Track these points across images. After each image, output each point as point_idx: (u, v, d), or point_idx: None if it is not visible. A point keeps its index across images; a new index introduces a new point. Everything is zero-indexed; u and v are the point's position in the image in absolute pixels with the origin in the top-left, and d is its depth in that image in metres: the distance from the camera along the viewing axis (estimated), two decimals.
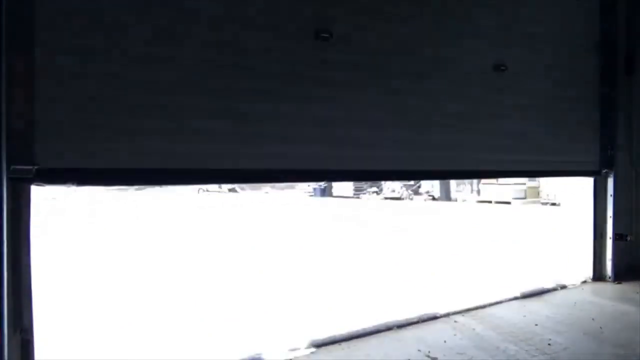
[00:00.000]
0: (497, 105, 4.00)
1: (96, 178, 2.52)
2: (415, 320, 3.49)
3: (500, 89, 3.99)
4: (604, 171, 4.78)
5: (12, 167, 2.12)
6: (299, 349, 2.96)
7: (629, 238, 4.69)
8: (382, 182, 22.42)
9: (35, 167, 2.19)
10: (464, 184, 19.40)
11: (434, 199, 19.51)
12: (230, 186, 26.20)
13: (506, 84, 4.02)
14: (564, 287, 4.45)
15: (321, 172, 3.32)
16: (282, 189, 26.62)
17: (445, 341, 3.15)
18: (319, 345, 3.04)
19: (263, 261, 6.59)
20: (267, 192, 25.63)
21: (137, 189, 20.93)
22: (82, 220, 11.52)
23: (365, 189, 21.85)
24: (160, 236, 9.10)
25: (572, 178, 4.96)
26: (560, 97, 4.46)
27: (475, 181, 19.23)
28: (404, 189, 20.47)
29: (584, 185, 4.80)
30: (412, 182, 21.21)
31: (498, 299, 4.02)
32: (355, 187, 21.85)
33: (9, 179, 2.11)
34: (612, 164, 4.79)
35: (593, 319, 3.58)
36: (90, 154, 2.36)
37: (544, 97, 4.33)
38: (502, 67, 3.96)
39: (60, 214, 11.87)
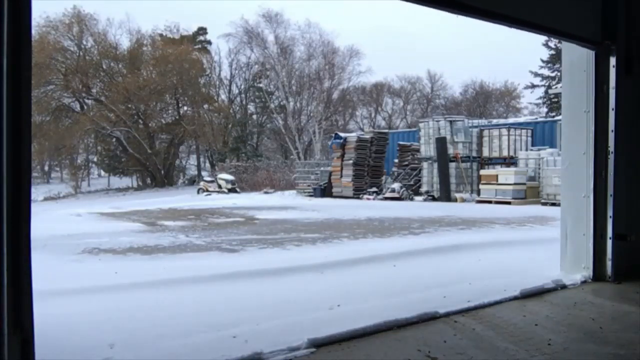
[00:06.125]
0: None
1: None
2: (415, 320, 3.49)
3: None
4: (606, 42, 4.04)
5: None
6: (299, 348, 2.96)
7: (629, 238, 4.63)
8: (382, 182, 22.37)
9: None
10: (464, 183, 19.39)
11: (434, 198, 19.49)
12: (230, 186, 26.20)
13: None
14: (564, 287, 4.44)
15: None
16: (282, 189, 26.64)
17: (445, 341, 3.15)
18: (319, 345, 3.03)
19: None
20: (266, 192, 25.60)
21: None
22: None
23: (366, 189, 21.76)
24: None
25: (571, 177, 4.91)
26: None
27: (474, 181, 19.23)
28: (403, 189, 20.42)
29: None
30: (412, 182, 21.20)
31: (498, 299, 4.02)
32: (355, 187, 21.74)
33: None
34: (614, 35, 4.00)
35: (593, 319, 3.58)
36: None
37: None
38: None
39: None
